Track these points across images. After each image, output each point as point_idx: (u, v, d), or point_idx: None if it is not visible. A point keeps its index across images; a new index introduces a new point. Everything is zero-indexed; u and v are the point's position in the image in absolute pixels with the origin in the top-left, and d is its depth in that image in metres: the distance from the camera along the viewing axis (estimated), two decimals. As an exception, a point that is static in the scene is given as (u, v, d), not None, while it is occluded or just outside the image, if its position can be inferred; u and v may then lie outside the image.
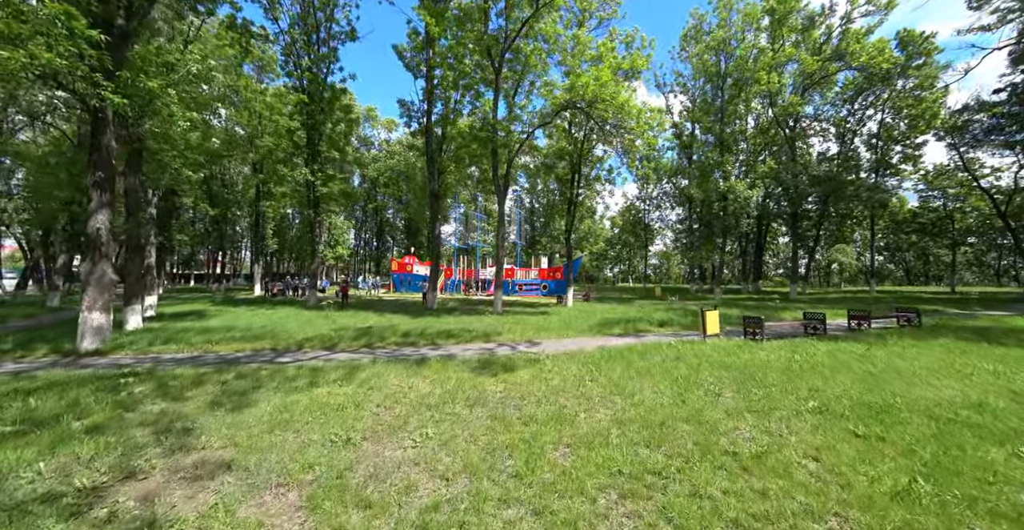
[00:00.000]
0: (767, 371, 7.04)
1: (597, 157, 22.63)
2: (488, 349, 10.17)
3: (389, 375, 7.27)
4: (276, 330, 13.06)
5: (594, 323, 14.41)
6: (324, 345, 10.74)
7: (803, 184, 26.56)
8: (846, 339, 10.28)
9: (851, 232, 34.21)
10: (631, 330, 12.96)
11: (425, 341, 11.26)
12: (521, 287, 33.07)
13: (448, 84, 20.74)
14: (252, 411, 5.42)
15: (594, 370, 7.35)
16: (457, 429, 4.81)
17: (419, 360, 8.59)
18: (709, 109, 29.39)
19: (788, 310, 17.86)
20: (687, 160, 40.61)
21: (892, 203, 31.73)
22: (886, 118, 32.05)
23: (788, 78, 27.57)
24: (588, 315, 17.14)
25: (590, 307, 21.78)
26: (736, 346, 9.48)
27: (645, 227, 43.70)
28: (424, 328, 13.33)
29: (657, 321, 14.42)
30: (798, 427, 4.63)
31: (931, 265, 44.86)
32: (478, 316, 16.68)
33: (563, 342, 11.15)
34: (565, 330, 12.85)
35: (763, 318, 10.26)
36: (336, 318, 16.56)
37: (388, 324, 14.63)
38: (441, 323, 14.63)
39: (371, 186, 62.10)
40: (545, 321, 15.01)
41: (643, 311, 17.82)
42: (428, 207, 22.18)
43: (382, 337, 11.70)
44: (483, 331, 12.65)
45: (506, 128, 16.13)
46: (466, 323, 14.60)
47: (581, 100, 15.90)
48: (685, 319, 15.27)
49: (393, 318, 16.52)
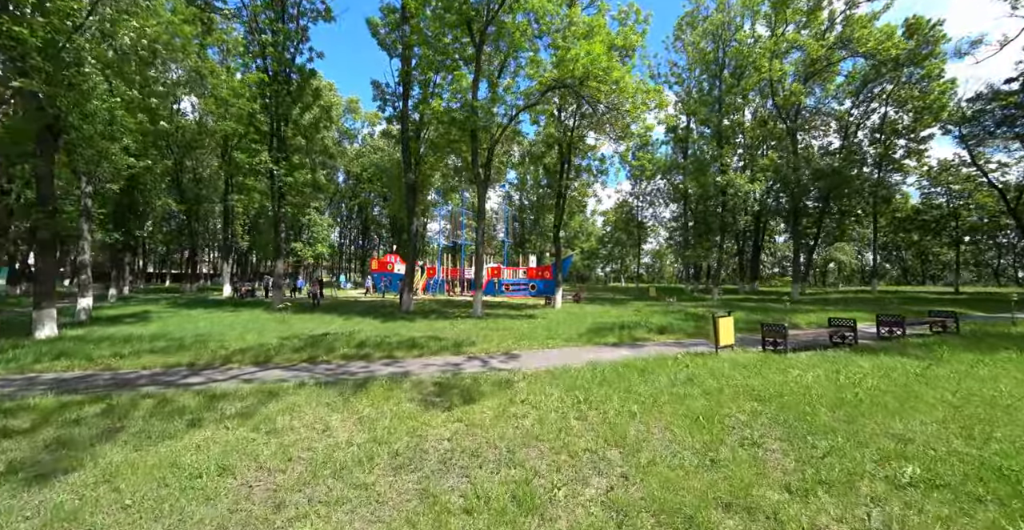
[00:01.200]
0: (814, 403, 5.27)
1: (588, 146, 20.84)
2: (454, 365, 8.31)
3: (307, 408, 5.38)
4: (212, 338, 11.09)
5: (584, 329, 12.60)
6: (256, 359, 8.80)
7: (805, 178, 25.07)
8: (887, 351, 8.57)
9: (851, 230, 32.91)
10: (627, 338, 11.17)
11: (381, 353, 9.36)
12: (508, 287, 31.22)
13: (426, 65, 18.84)
14: (61, 481, 3.51)
15: (582, 400, 5.52)
16: (358, 523, 2.96)
17: (360, 382, 6.71)
18: (706, 100, 27.78)
19: (799, 313, 16.21)
20: (682, 155, 39.10)
21: (896, 200, 30.43)
22: (889, 112, 30.70)
23: (790, 67, 26.07)
24: (578, 319, 15.35)
25: (580, 309, 19.99)
26: (758, 361, 7.72)
27: (638, 224, 42.11)
28: (387, 336, 11.42)
29: (656, 327, 12.66)
30: (915, 522, 2.83)
31: (929, 264, 43.82)
32: (453, 321, 14.81)
33: (547, 354, 9.32)
34: (550, 338, 11.03)
35: (786, 325, 8.52)
36: (293, 323, 14.60)
37: (348, 331, 12.71)
38: (409, 329, 12.73)
39: (355, 182, 59.89)
40: (529, 327, 13.17)
41: (639, 315, 16.06)
42: (404, 200, 20.24)
43: (331, 348, 9.78)
44: (454, 340, 10.78)
45: (486, 109, 14.26)
46: (438, 329, 12.72)
47: (571, 78, 14.08)
48: (687, 324, 13.53)
49: (358, 323, 14.59)
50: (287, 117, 19.41)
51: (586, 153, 20.81)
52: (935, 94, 26.81)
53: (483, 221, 15.53)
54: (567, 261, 32.32)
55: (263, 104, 18.73)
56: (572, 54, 12.92)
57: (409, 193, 19.58)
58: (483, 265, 16.04)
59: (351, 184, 61.57)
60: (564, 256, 32.56)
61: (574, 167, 20.62)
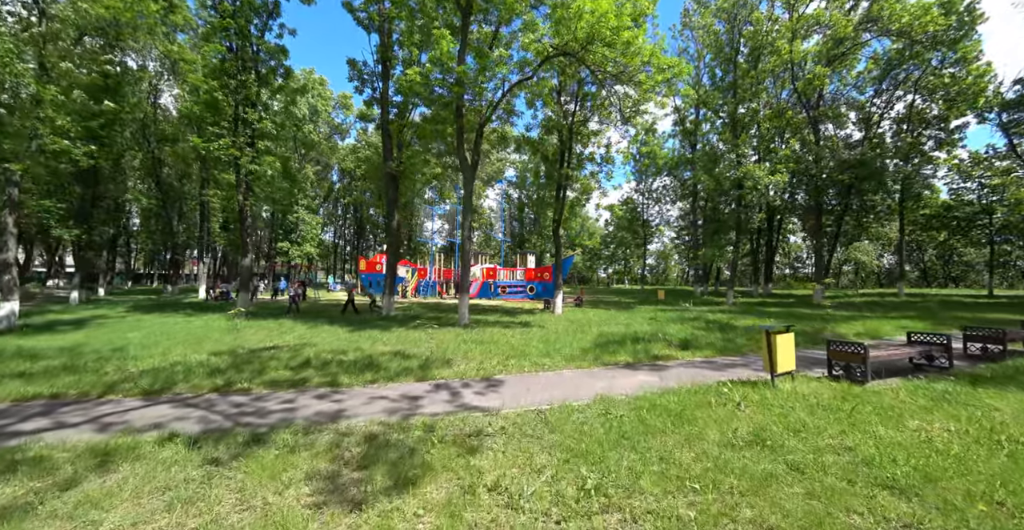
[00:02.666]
0: (988, 494, 3.00)
1: (591, 131, 18.56)
2: (412, 399, 6.05)
3: (126, 498, 3.15)
4: (126, 354, 8.90)
5: (589, 342, 10.32)
6: (150, 388, 6.56)
7: (828, 170, 22.78)
8: (1004, 382, 6.29)
9: (874, 228, 30.59)
10: (643, 355, 8.89)
11: (323, 378, 7.11)
12: (504, 290, 28.96)
13: (409, 40, 16.65)
14: None
15: (591, 488, 3.26)
16: None
17: (258, 436, 4.47)
18: (719, 87, 25.51)
19: (838, 321, 13.89)
20: (690, 149, 36.85)
21: (925, 196, 28.10)
22: (916, 100, 28.38)
23: (816, 47, 23.78)
24: (581, 328, 13.07)
25: (583, 315, 17.71)
26: (840, 399, 5.44)
27: (643, 223, 39.84)
28: (342, 352, 9.18)
29: (677, 339, 10.36)
30: None
31: (953, 265, 41.33)
32: (434, 330, 12.55)
33: (541, 380, 7.04)
34: (547, 356, 8.75)
35: (866, 345, 6.22)
36: (246, 332, 12.38)
37: (302, 343, 10.48)
38: (375, 342, 10.47)
39: (349, 180, 57.84)
40: (522, 339, 10.90)
41: (654, 323, 13.75)
42: (384, 191, 18.01)
43: (261, 370, 7.54)
44: (425, 358, 8.52)
45: (472, 79, 11.99)
46: (410, 342, 10.45)
47: (573, 43, 11.83)
48: (713, 335, 11.23)
49: (321, 332, 12.36)
50: (252, 99, 17.21)
51: (589, 138, 18.52)
52: (970, 78, 24.50)
53: (470, 213, 13.33)
54: (568, 262, 30.05)
55: (223, 83, 16.53)
56: (575, 8, 10.66)
57: (390, 183, 17.38)
58: (470, 265, 13.79)
59: (346, 182, 59.56)
60: (565, 256, 30.29)
61: (575, 156, 18.37)
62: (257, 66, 17.63)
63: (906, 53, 25.90)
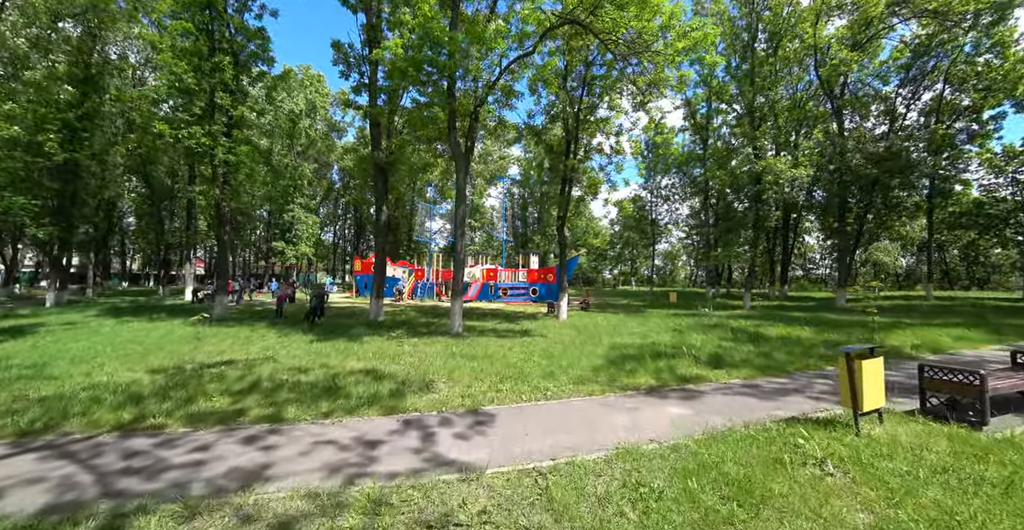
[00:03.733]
0: None
1: (600, 119, 16.94)
2: (368, 446, 4.49)
3: None
4: (38, 373, 7.41)
5: (600, 357, 8.72)
6: (28, 427, 5.04)
7: (857, 163, 21.05)
8: None
9: (899, 227, 28.77)
10: (668, 375, 7.28)
11: (265, 409, 5.57)
12: (505, 292, 27.37)
13: (395, 18, 15.16)
14: None
15: None
16: None
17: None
18: (734, 75, 23.85)
19: (883, 331, 12.16)
20: (701, 144, 35.19)
21: (955, 192, 26.24)
22: (946, 90, 26.58)
23: (844, 29, 22.08)
24: (589, 337, 11.47)
25: (590, 320, 16.11)
26: (978, 461, 3.82)
27: (652, 222, 38.13)
28: (304, 370, 7.64)
29: (705, 354, 8.74)
30: None
31: (978, 267, 39.23)
32: (419, 340, 11.00)
33: (542, 415, 5.45)
34: (550, 376, 7.17)
35: (983, 375, 4.59)
36: (208, 341, 10.89)
37: (263, 356, 8.95)
38: (347, 356, 8.91)
39: (350, 178, 56.47)
40: (521, 352, 9.32)
41: (676, 333, 12.09)
42: (371, 184, 16.49)
43: (191, 397, 6.02)
44: (400, 380, 6.96)
45: (464, 53, 10.43)
46: (389, 357, 8.88)
47: (579, 10, 10.25)
48: (745, 348, 9.60)
49: (292, 342, 10.82)
50: (229, 84, 15.73)
51: (597, 127, 16.90)
52: (1008, 64, 22.71)
53: (463, 206, 11.76)
54: (573, 262, 28.43)
55: (193, 64, 15.04)
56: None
57: (378, 175, 15.86)
58: (469, 266, 12.23)
59: (346, 181, 58.29)
60: (570, 257, 28.69)
61: (582, 146, 16.78)
62: (234, 49, 16.16)
63: (936, 39, 24.15)
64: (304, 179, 41.75)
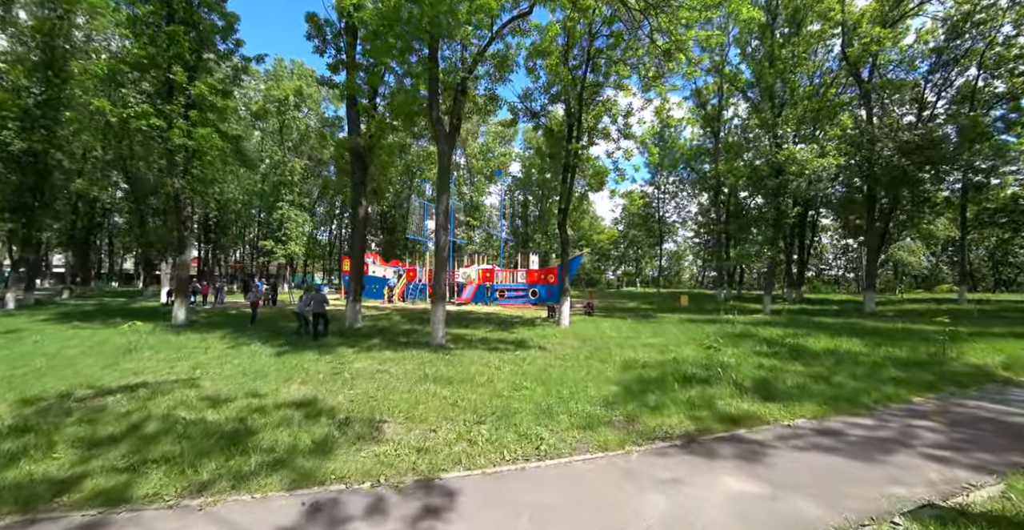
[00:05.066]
0: None
1: (606, 100, 15.00)
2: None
3: None
4: None
5: (613, 382, 6.80)
6: None
7: (888, 152, 19.06)
8: None
9: (926, 224, 26.74)
10: (706, 411, 5.36)
11: (114, 476, 3.67)
12: (503, 294, 25.45)
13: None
14: None
15: None
16: None
17: None
18: (752, 57, 21.91)
19: (956, 343, 10.16)
20: (712, 138, 33.28)
21: (993, 186, 24.19)
22: (979, 76, 24.54)
23: (872, 4, 20.11)
24: (597, 351, 9.55)
25: (596, 328, 14.19)
26: None
27: (659, 220, 36.11)
28: (223, 400, 5.76)
29: (749, 379, 6.79)
30: None
31: (1004, 267, 37.02)
32: (390, 356, 9.11)
33: (530, 496, 3.52)
34: (546, 415, 5.25)
35: None
36: (141, 355, 9.07)
37: (189, 376, 7.08)
38: (288, 379, 7.03)
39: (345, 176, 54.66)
40: (511, 373, 7.41)
41: (700, 346, 10.15)
42: (349, 172, 14.62)
43: (19, 452, 4.12)
44: (342, 419, 5.07)
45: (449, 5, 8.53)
46: (339, 381, 6.98)
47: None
48: (792, 368, 7.66)
49: (235, 356, 8.95)
50: (185, 58, 13.89)
51: (603, 110, 14.97)
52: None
53: (446, 195, 9.86)
54: (576, 262, 26.52)
55: (150, 36, 13.23)
56: None
57: (355, 162, 13.99)
58: (447, 265, 10.34)
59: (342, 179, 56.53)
60: (572, 255, 26.75)
61: (586, 130, 14.86)
62: (194, 21, 14.30)
63: (971, 19, 22.16)
64: (295, 175, 39.89)
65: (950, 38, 24.21)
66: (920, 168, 20.42)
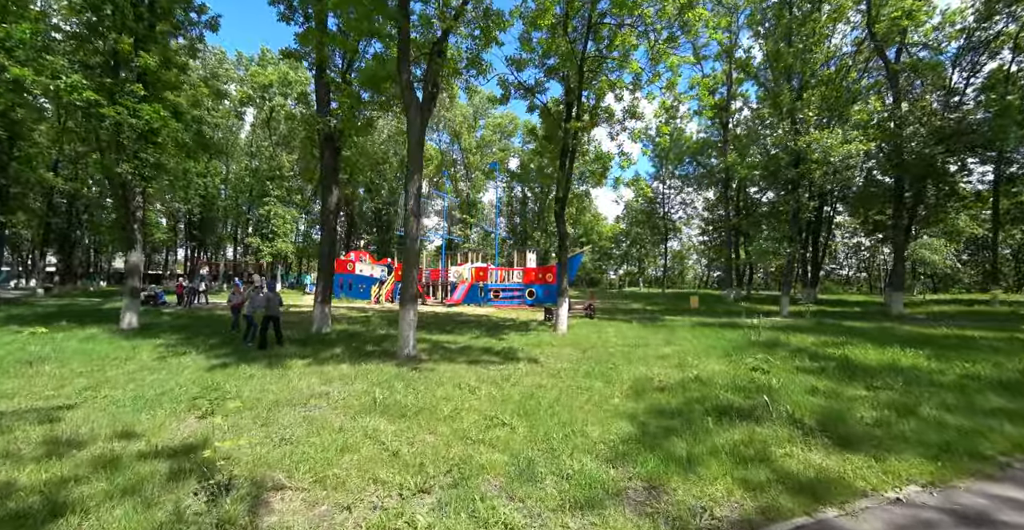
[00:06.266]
0: None
1: (612, 82, 13.20)
2: None
3: None
4: None
5: (622, 416, 5.04)
6: None
7: (921, 139, 17.29)
8: None
9: (952, 219, 24.92)
10: (763, 470, 3.60)
11: None
12: (497, 294, 23.71)
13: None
14: None
15: None
16: None
17: None
18: (769, 35, 20.14)
19: None
20: (721, 130, 31.50)
21: None
22: (1013, 61, 22.72)
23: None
24: (599, 365, 7.81)
25: (599, 334, 12.46)
26: None
27: (664, 217, 34.28)
28: (68, 448, 4.01)
29: (802, 408, 5.03)
30: None
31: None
32: (344, 372, 7.40)
33: None
34: (523, 478, 3.50)
35: None
36: (42, 364, 7.35)
37: (47, 405, 5.36)
38: (165, 421, 5.29)
39: (340, 173, 52.95)
40: (488, 403, 5.67)
41: (726, 358, 8.42)
42: (318, 157, 12.89)
43: None
44: (212, 488, 3.30)
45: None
46: (253, 411, 5.24)
47: None
48: (852, 392, 5.89)
49: (155, 373, 7.24)
50: (134, 28, 12.20)
51: (605, 89, 13.22)
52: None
53: (418, 174, 8.10)
54: (576, 260, 24.80)
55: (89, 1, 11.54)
56: None
57: (325, 145, 12.29)
58: (417, 260, 8.59)
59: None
60: (573, 253, 25.02)
61: (586, 109, 13.11)
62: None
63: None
64: (283, 169, 38.22)
65: (980, 19, 22.42)
66: (953, 157, 18.63)
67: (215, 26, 14.48)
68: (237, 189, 42.78)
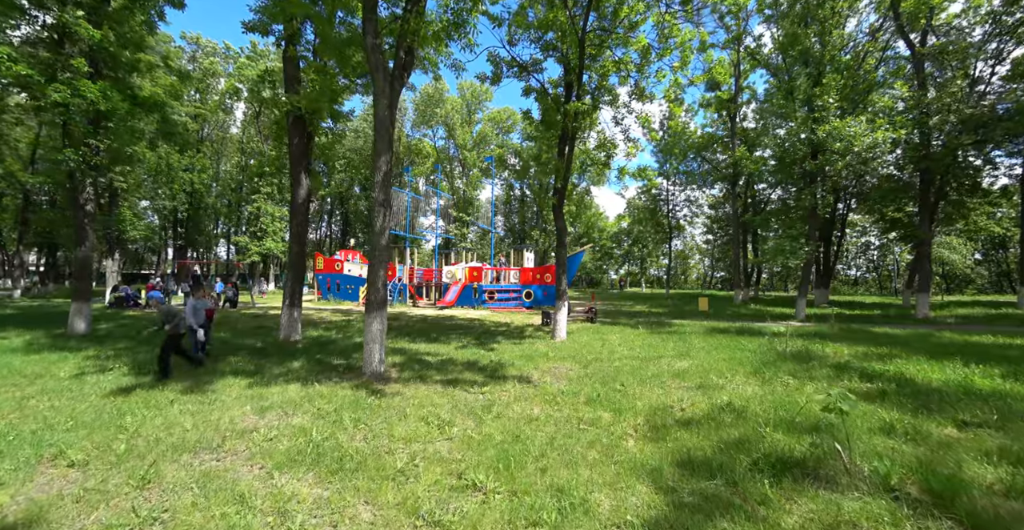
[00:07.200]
0: None
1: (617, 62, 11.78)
2: None
3: None
4: None
5: (638, 471, 3.63)
6: None
7: (950, 127, 15.90)
8: None
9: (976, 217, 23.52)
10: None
11: None
12: (492, 295, 22.30)
13: None
14: None
15: None
16: None
17: None
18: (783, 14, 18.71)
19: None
20: (729, 121, 30.02)
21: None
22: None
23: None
24: (605, 386, 6.44)
25: (602, 342, 11.07)
26: None
27: (668, 214, 32.87)
28: None
29: (896, 466, 3.63)
30: None
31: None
32: (287, 396, 6.01)
33: None
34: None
35: None
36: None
37: None
38: (71, 448, 3.89)
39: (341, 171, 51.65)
40: (458, 448, 4.27)
41: (755, 376, 7.06)
42: (286, 141, 11.48)
43: None
44: None
45: None
46: (172, 456, 3.84)
47: None
48: (943, 432, 4.49)
49: (18, 407, 5.87)
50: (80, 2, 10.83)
51: (608, 70, 11.83)
52: None
53: (386, 156, 6.73)
54: (577, 259, 23.42)
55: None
56: None
57: (293, 128, 10.91)
58: (386, 258, 7.19)
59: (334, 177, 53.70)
60: (574, 252, 23.61)
61: (588, 90, 11.72)
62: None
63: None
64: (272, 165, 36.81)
65: (1008, 3, 20.99)
66: (979, 149, 17.23)
67: (179, 3, 13.06)
68: (226, 186, 41.41)
